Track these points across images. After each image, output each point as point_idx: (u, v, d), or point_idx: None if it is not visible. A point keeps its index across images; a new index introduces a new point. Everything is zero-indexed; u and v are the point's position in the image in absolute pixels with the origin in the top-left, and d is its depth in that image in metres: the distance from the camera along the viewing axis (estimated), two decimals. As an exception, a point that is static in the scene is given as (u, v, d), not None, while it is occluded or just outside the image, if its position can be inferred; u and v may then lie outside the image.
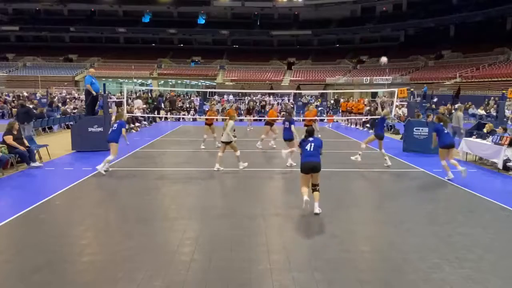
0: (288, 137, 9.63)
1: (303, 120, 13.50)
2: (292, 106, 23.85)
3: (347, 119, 20.91)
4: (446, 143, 8.27)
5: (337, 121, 22.02)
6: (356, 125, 19.92)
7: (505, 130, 9.73)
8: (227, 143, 8.79)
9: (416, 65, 45.20)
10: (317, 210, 5.87)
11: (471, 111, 22.58)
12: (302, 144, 6.17)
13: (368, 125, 18.35)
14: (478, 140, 10.40)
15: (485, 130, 10.58)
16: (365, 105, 22.01)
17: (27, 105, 16.84)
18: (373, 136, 10.03)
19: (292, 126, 9.54)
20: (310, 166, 5.90)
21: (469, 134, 12.40)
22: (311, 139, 6.14)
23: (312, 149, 6.00)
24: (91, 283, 3.89)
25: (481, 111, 21.50)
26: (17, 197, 6.75)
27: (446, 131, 8.38)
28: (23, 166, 8.96)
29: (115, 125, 8.74)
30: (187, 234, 5.14)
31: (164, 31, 54.59)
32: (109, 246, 4.76)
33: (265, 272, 4.12)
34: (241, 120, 19.16)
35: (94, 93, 11.49)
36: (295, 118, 11.69)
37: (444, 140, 8.30)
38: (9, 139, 8.75)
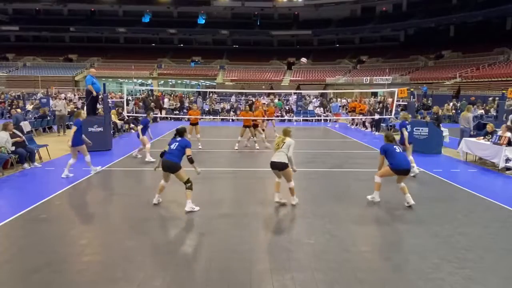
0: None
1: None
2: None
3: (352, 119, 20.89)
4: (401, 166, 6.20)
5: (335, 121, 21.99)
6: (357, 125, 19.92)
7: (509, 129, 9.61)
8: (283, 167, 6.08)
9: (416, 65, 45.22)
10: (188, 208, 5.97)
11: (474, 112, 22.37)
12: (169, 143, 6.17)
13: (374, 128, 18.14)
14: (478, 140, 10.39)
15: (488, 130, 10.55)
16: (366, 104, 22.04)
17: (17, 110, 16.89)
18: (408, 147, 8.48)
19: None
20: (167, 165, 5.96)
21: (469, 134, 12.39)
22: (178, 138, 6.12)
23: (174, 148, 5.98)
24: (91, 283, 3.89)
25: (479, 111, 21.44)
26: (17, 197, 6.74)
27: (398, 150, 6.34)
28: (23, 166, 8.95)
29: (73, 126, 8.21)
30: (187, 234, 5.14)
31: (164, 31, 54.62)
32: (109, 246, 4.75)
33: (265, 272, 4.12)
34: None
35: (95, 93, 11.49)
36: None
37: (399, 161, 6.24)
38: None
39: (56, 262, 4.28)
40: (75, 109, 18.87)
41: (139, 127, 10.26)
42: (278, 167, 6.12)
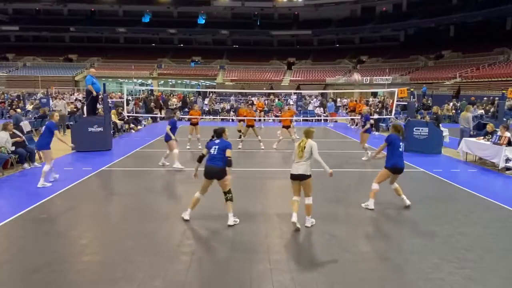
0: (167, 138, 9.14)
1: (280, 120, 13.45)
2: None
3: (351, 119, 20.92)
4: (398, 164, 6.13)
5: (336, 121, 22.00)
6: (357, 125, 19.92)
7: (506, 128, 9.64)
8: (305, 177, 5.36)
9: (416, 65, 45.21)
10: (231, 222, 5.41)
11: (474, 112, 22.31)
12: (207, 146, 5.54)
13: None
14: (478, 140, 10.39)
15: (488, 130, 10.54)
16: (366, 105, 22.06)
17: (17, 110, 16.94)
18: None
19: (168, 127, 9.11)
20: (212, 171, 5.36)
21: (469, 134, 12.38)
22: (217, 141, 5.50)
23: (215, 152, 5.37)
24: (91, 283, 3.89)
25: (479, 111, 21.41)
26: (17, 197, 6.74)
27: (400, 149, 6.17)
28: (23, 166, 8.95)
29: (43, 128, 7.60)
30: (187, 234, 5.14)
31: (164, 31, 54.60)
32: (109, 246, 4.76)
33: (265, 272, 4.12)
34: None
35: (95, 93, 11.50)
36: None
37: (396, 159, 6.12)
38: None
39: (56, 262, 4.28)
40: (75, 109, 18.90)
41: (168, 128, 9.10)
42: (299, 178, 5.34)
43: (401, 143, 6.21)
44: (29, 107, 22.43)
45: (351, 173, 9.14)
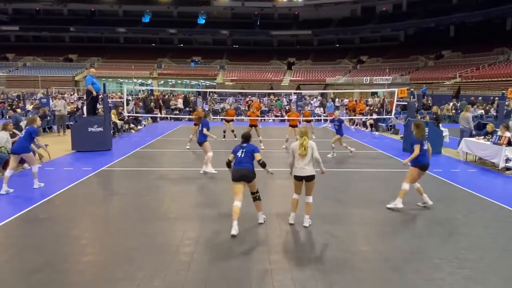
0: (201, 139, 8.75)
1: (287, 120, 13.61)
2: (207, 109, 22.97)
3: (350, 119, 20.91)
4: (425, 162, 6.35)
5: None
6: (357, 125, 19.93)
7: (506, 128, 9.63)
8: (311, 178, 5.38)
9: (416, 65, 45.22)
10: (261, 220, 5.57)
11: (474, 112, 22.24)
12: (233, 151, 5.54)
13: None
14: (478, 140, 10.39)
15: (488, 130, 10.54)
16: (366, 105, 22.07)
17: (17, 110, 16.96)
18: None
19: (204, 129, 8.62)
20: (243, 174, 5.32)
21: (469, 134, 12.38)
22: (244, 144, 5.55)
23: (243, 156, 5.41)
24: (91, 283, 3.89)
25: (479, 111, 21.39)
26: (17, 197, 6.73)
27: (425, 146, 6.40)
28: (23, 166, 8.95)
29: (23, 132, 7.34)
30: (187, 234, 5.14)
31: (164, 31, 54.61)
32: (109, 246, 4.75)
33: (265, 272, 4.12)
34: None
35: (95, 93, 11.51)
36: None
37: (423, 158, 6.31)
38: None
39: (56, 262, 4.28)
40: (75, 109, 18.90)
41: (205, 130, 8.50)
42: (307, 179, 5.34)
43: (425, 141, 6.41)
44: (29, 107, 22.45)
45: (351, 173, 9.14)
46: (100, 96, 12.87)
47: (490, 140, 9.73)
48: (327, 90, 37.13)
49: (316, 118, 22.95)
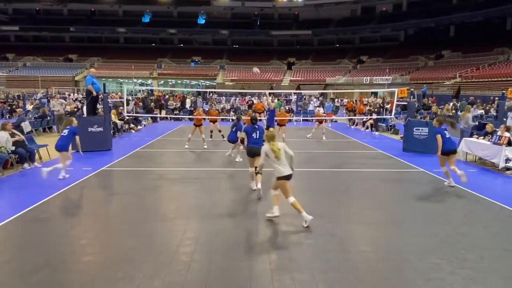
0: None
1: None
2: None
3: (349, 119, 20.95)
4: (447, 148, 7.59)
5: (336, 121, 22.02)
6: (357, 125, 19.94)
7: (506, 129, 9.64)
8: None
9: (416, 65, 45.24)
10: (254, 187, 6.95)
11: (474, 112, 22.17)
12: (246, 130, 7.01)
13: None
14: (478, 140, 10.39)
15: (487, 130, 10.54)
16: (365, 105, 22.07)
17: (17, 110, 16.98)
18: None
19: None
20: (256, 151, 6.63)
21: (469, 134, 12.37)
22: (256, 126, 7.00)
23: (258, 136, 6.87)
24: (91, 283, 3.89)
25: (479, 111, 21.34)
26: (17, 197, 6.74)
27: (448, 135, 7.69)
28: (23, 166, 8.95)
29: (65, 131, 8.01)
30: (187, 234, 5.14)
31: (164, 31, 54.66)
32: (109, 246, 4.75)
33: (265, 272, 4.12)
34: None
35: (95, 93, 11.51)
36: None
37: (445, 145, 7.57)
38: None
39: (56, 262, 4.28)
40: (75, 109, 18.90)
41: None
42: (289, 178, 5.57)
43: (446, 131, 7.74)
44: (29, 107, 22.45)
45: (351, 173, 9.14)
46: (100, 96, 12.87)
47: (490, 140, 9.73)
48: (327, 90, 37.14)
49: (316, 118, 22.96)
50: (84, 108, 13.02)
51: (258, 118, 14.02)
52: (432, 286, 3.89)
